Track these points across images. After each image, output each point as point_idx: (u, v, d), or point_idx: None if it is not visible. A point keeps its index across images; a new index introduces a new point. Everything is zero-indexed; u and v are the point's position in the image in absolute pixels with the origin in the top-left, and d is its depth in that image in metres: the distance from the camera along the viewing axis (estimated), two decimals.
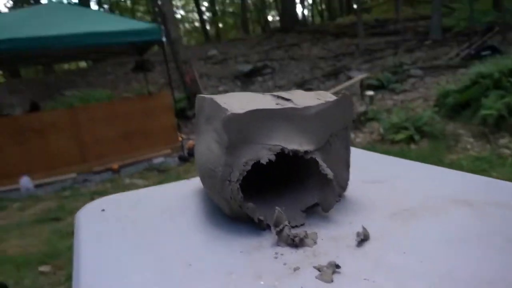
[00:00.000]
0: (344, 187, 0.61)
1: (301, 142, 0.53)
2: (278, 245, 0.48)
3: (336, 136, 0.58)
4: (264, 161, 0.50)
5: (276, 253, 0.46)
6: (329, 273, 0.40)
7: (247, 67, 9.93)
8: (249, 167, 0.50)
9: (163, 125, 5.85)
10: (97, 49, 6.72)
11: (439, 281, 0.37)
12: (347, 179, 0.61)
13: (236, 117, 0.50)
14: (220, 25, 22.88)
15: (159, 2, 8.76)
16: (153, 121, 5.77)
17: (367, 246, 0.46)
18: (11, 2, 17.05)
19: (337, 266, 0.41)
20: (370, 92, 6.03)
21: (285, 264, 0.44)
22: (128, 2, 22.89)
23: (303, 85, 8.37)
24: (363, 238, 0.47)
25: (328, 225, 0.52)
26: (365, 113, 5.29)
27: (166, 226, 0.57)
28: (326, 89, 7.58)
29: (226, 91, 8.93)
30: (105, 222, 0.60)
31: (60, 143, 5.13)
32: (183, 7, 23.83)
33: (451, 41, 8.69)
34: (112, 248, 0.51)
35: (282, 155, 0.56)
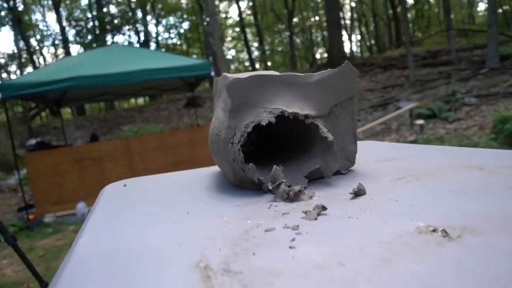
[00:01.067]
0: (351, 160, 0.61)
1: (302, 107, 0.55)
2: (275, 201, 0.49)
3: (341, 107, 0.59)
4: (264, 122, 0.52)
5: (271, 205, 0.47)
6: (314, 213, 0.40)
7: None
8: (250, 129, 0.53)
9: (209, 154, 6.02)
10: (153, 85, 7.23)
11: (425, 216, 0.36)
12: (355, 152, 0.61)
13: (238, 81, 0.53)
14: (269, 63, 23.61)
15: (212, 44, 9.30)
16: (200, 151, 5.97)
17: (361, 198, 0.45)
18: (83, 49, 19.09)
19: (324, 208, 0.41)
20: (420, 121, 5.81)
21: (276, 211, 0.44)
22: (184, 46, 24.58)
23: None
24: (357, 192, 0.46)
25: (328, 188, 0.52)
26: (414, 141, 5.08)
27: (175, 193, 0.60)
28: (374, 120, 7.43)
29: None
30: (124, 192, 0.65)
31: (115, 171, 5.46)
32: (233, 48, 25.05)
33: (510, 69, 8.22)
34: (125, 205, 0.55)
35: (287, 123, 0.58)
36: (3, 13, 18.40)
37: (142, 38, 20.89)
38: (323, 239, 0.34)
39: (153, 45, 21.55)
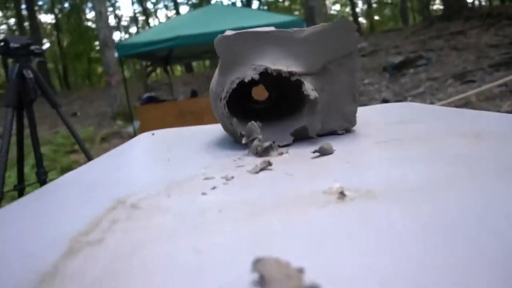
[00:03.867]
0: (350, 120, 0.58)
1: (289, 64, 0.54)
2: (248, 155, 0.51)
3: (339, 65, 0.56)
4: (247, 79, 0.53)
5: (239, 158, 0.49)
6: (258, 168, 0.42)
7: (398, 59, 9.26)
8: (234, 85, 0.54)
9: None
10: None
11: (350, 180, 0.35)
12: (354, 111, 0.58)
13: (225, 38, 0.55)
14: (376, 17, 21.83)
15: None
16: None
17: (322, 158, 0.44)
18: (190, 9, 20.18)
19: (269, 164, 0.42)
20: None
21: (236, 164, 0.47)
22: (286, 3, 24.11)
23: (464, 77, 7.31)
24: (320, 151, 0.45)
25: (308, 146, 0.52)
26: None
27: (179, 143, 0.66)
28: (493, 81, 6.44)
29: (372, 84, 8.56)
30: (149, 138, 0.73)
31: (212, 123, 5.88)
32: (337, 1, 23.64)
33: None
34: (135, 149, 0.63)
35: (277, 81, 0.58)
36: None
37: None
38: (236, 190, 0.35)
39: (255, 4, 21.62)
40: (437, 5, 20.97)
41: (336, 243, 0.22)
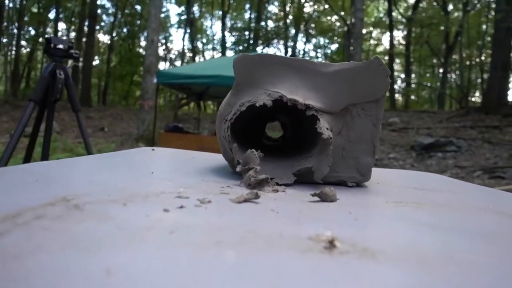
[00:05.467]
0: (363, 174, 0.51)
1: (307, 96, 0.48)
2: (239, 186, 0.44)
3: (362, 110, 0.50)
4: (258, 104, 0.48)
5: (228, 186, 0.43)
6: (242, 197, 0.35)
7: (427, 140, 9.14)
8: (243, 108, 0.49)
9: None
10: None
11: (345, 231, 0.28)
12: (370, 165, 0.51)
13: (246, 58, 0.50)
14: (413, 96, 22.04)
15: None
16: None
17: (320, 204, 0.37)
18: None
19: (257, 196, 0.35)
20: None
21: (221, 191, 0.40)
22: None
23: (493, 172, 7.06)
24: (318, 195, 0.38)
25: (309, 190, 0.45)
26: None
27: (172, 162, 0.60)
28: None
29: (396, 160, 8.42)
30: (148, 151, 0.68)
31: None
32: None
33: None
34: (129, 158, 0.58)
35: (293, 118, 0.53)
36: (183, 18, 21.71)
37: (289, 53, 21.93)
38: (205, 215, 0.29)
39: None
40: (476, 98, 21.01)
41: None
